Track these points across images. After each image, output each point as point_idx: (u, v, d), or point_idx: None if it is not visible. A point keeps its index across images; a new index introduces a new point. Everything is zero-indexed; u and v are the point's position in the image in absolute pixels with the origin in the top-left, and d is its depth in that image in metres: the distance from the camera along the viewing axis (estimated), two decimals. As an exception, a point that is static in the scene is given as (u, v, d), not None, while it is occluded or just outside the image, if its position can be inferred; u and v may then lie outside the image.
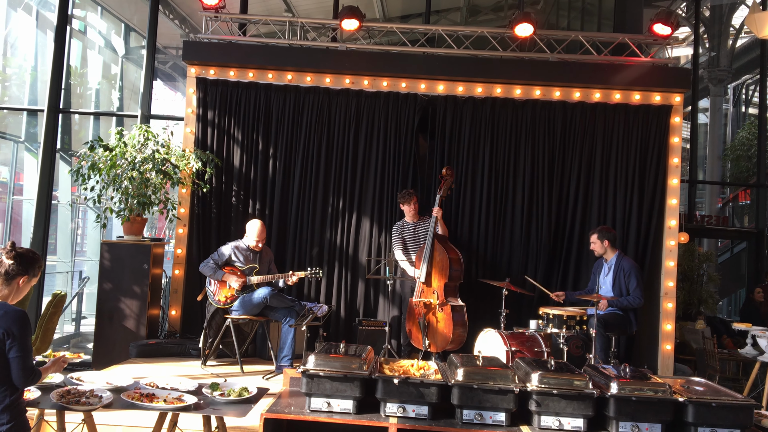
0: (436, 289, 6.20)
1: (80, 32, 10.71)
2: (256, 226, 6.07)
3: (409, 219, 6.57)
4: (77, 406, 3.20)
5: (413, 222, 6.56)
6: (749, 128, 13.36)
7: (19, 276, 2.94)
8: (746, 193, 13.17)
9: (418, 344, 6.24)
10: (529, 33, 6.95)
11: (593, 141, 6.97)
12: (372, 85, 7.07)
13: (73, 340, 9.65)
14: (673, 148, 6.95)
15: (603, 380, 3.37)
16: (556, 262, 6.95)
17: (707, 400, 3.20)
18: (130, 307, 6.44)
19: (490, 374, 3.30)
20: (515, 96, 7.02)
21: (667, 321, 6.70)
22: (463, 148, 7.00)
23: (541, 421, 3.24)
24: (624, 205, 6.89)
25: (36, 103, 9.51)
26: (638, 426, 3.20)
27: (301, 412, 3.29)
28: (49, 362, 3.16)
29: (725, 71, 12.77)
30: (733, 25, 13.00)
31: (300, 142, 7.06)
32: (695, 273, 8.88)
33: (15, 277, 2.93)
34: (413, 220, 6.56)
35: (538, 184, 6.95)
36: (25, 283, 2.97)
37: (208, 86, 7.08)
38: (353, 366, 3.32)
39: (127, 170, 6.38)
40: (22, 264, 2.94)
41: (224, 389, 3.56)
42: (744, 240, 11.49)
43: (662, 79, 6.95)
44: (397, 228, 6.63)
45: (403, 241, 6.57)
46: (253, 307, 5.88)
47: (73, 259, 10.28)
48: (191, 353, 6.33)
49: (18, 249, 2.96)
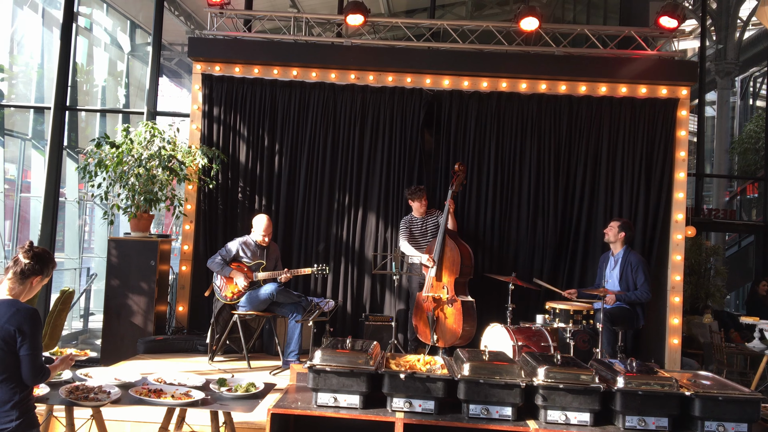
0: (446, 284, 6.19)
1: (86, 29, 10.74)
2: (263, 220, 6.09)
3: (417, 214, 6.57)
4: (86, 401, 3.22)
5: (421, 217, 6.56)
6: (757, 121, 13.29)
7: (34, 276, 2.97)
8: (754, 187, 13.10)
9: (426, 339, 6.24)
10: (535, 27, 6.92)
11: (599, 135, 6.94)
12: (377, 80, 7.06)
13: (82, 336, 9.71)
14: (680, 142, 6.91)
15: (609, 374, 3.37)
16: (563, 256, 6.94)
17: (714, 394, 3.19)
18: (137, 303, 6.47)
19: (496, 369, 3.30)
20: (521, 90, 7.00)
21: (674, 315, 6.68)
22: (468, 142, 6.98)
23: (547, 415, 3.25)
24: (630, 199, 6.87)
25: (43, 100, 9.55)
26: (645, 420, 3.20)
27: (308, 407, 3.31)
28: (58, 360, 3.18)
29: (732, 64, 12.69)
30: (741, 17, 12.91)
31: (306, 138, 7.06)
32: (702, 267, 8.85)
33: (30, 276, 2.96)
34: (421, 215, 6.56)
35: (544, 179, 6.94)
36: (38, 283, 3.01)
37: (214, 83, 7.08)
38: (360, 361, 3.33)
39: (134, 167, 6.40)
40: (38, 263, 2.98)
41: (231, 385, 3.58)
42: (752, 233, 11.44)
43: (669, 72, 6.91)
44: (405, 222, 6.63)
45: (410, 234, 6.56)
46: (259, 303, 5.89)
47: (81, 255, 10.33)
48: (198, 349, 6.36)
49: (35, 248, 3.00)
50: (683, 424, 3.26)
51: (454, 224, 6.50)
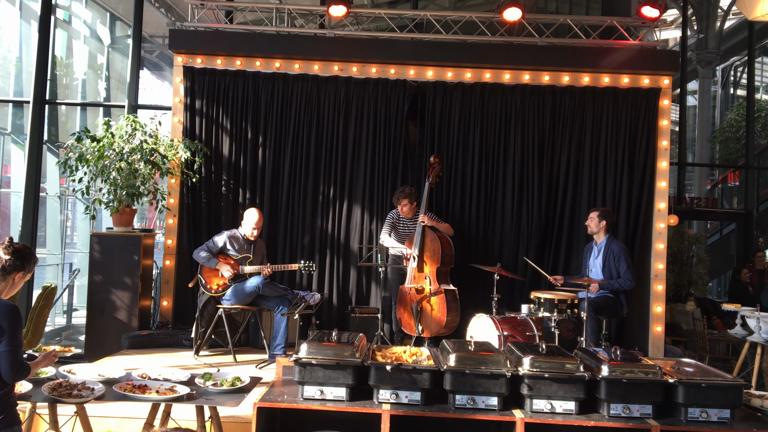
0: (428, 274, 6.21)
1: (65, 22, 10.59)
2: (254, 214, 6.06)
3: (404, 215, 6.55)
4: (69, 398, 3.19)
5: (408, 217, 6.53)
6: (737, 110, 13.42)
7: (16, 272, 2.94)
8: (735, 175, 13.24)
9: (410, 330, 6.25)
10: (518, 17, 6.91)
11: (583, 125, 6.97)
12: (361, 72, 7.03)
13: (65, 332, 9.62)
14: (662, 131, 6.96)
15: (594, 363, 3.39)
16: (547, 246, 6.97)
17: (697, 381, 3.23)
18: (121, 298, 6.42)
19: (482, 359, 3.31)
20: (504, 81, 7.01)
21: (657, 303, 6.74)
22: (453, 133, 6.98)
23: (533, 404, 3.27)
24: (614, 188, 6.91)
25: (21, 94, 9.40)
26: (629, 408, 3.23)
27: (294, 400, 3.30)
28: (40, 356, 3.15)
29: (713, 53, 12.79)
30: (721, 6, 13.00)
31: (289, 130, 7.02)
32: (685, 255, 8.94)
33: (11, 273, 2.93)
34: (408, 216, 6.53)
35: (528, 169, 6.96)
36: (20, 279, 2.98)
37: (196, 75, 7.01)
38: (346, 354, 3.33)
39: (115, 161, 6.33)
40: (19, 259, 2.95)
41: (217, 379, 3.56)
42: (733, 221, 11.57)
43: (651, 61, 6.94)
44: (391, 217, 6.61)
45: (392, 229, 6.55)
46: (245, 296, 5.87)
47: (63, 251, 10.22)
48: (183, 344, 6.32)
49: (15, 244, 2.97)
50: (667, 411, 3.30)
51: (447, 227, 6.48)
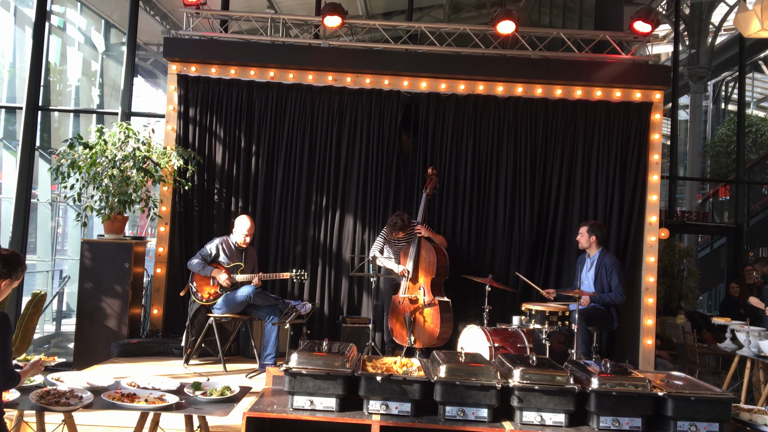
0: (422, 285, 6.21)
1: (59, 29, 10.59)
2: (246, 221, 6.04)
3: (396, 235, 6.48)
4: (57, 406, 3.17)
5: (401, 236, 6.48)
6: (728, 125, 13.53)
7: (2, 279, 2.91)
8: (726, 189, 13.32)
9: (402, 341, 6.24)
10: (511, 30, 6.97)
11: (575, 138, 7.01)
12: (355, 83, 7.05)
13: (54, 340, 9.56)
14: (654, 145, 7.00)
15: (584, 375, 3.40)
16: (539, 258, 6.99)
17: (686, 394, 3.24)
18: (111, 306, 6.38)
19: (472, 371, 3.31)
20: (497, 93, 7.04)
21: (648, 316, 6.76)
22: (446, 145, 7.01)
23: (523, 416, 3.26)
24: (605, 202, 6.94)
25: (14, 100, 9.39)
26: (619, 420, 3.23)
27: (284, 410, 3.29)
28: (28, 365, 3.13)
29: (705, 68, 12.91)
30: (713, 22, 13.14)
31: (283, 140, 7.03)
32: (676, 268, 8.98)
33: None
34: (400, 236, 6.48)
35: (520, 181, 6.98)
36: (7, 286, 2.95)
37: (190, 83, 7.02)
38: (336, 364, 3.32)
39: (108, 168, 6.31)
40: (6, 267, 2.91)
41: (206, 388, 3.54)
42: (724, 235, 11.63)
43: (643, 76, 7.00)
44: (383, 236, 6.54)
45: (386, 242, 6.50)
46: (236, 305, 5.85)
47: (54, 258, 10.17)
48: (173, 352, 6.28)
49: (3, 252, 2.93)
50: (656, 424, 3.30)
51: (441, 239, 6.48)
